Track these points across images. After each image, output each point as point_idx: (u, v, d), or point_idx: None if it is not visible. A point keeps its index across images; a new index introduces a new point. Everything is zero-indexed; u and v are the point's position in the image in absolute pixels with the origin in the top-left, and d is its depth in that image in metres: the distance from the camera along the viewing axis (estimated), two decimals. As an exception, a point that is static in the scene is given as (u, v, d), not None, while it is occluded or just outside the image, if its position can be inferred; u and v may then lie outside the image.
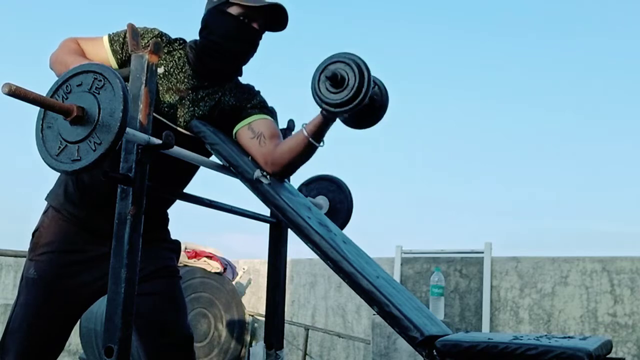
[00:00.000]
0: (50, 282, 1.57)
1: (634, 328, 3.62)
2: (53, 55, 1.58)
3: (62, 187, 1.64)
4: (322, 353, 4.67)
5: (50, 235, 1.61)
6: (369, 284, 1.31)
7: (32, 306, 1.57)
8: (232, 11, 1.58)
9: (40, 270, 1.58)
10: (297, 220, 1.45)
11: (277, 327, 1.77)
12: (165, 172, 1.53)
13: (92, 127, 1.12)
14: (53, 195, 1.66)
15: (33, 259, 1.60)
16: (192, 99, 1.62)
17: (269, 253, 1.80)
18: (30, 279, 1.58)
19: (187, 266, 4.32)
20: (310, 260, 4.83)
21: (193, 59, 1.62)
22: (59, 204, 1.62)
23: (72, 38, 1.62)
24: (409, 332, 1.24)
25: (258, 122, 1.62)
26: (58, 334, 1.61)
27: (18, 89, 1.04)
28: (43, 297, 1.57)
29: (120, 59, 1.59)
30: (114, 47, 1.59)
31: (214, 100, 1.64)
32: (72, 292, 1.59)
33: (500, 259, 4.08)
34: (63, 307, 1.59)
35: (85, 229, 1.61)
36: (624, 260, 3.73)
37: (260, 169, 1.55)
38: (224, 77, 1.66)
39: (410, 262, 4.37)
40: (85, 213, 1.60)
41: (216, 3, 1.60)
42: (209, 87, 1.64)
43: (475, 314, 4.05)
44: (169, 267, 1.71)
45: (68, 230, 1.61)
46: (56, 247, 1.60)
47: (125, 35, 1.59)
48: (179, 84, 1.61)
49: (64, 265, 1.58)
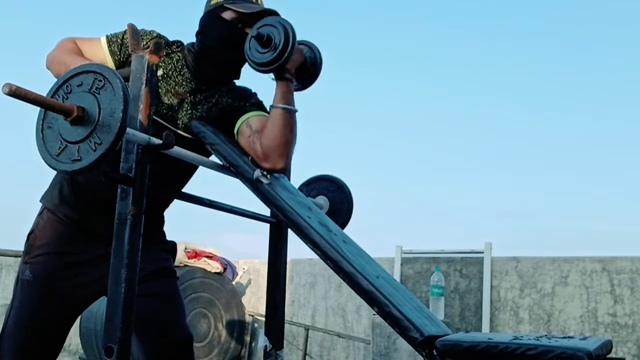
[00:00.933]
0: (45, 285, 1.56)
1: (634, 328, 3.62)
2: (50, 54, 1.57)
3: (57, 188, 1.63)
4: (322, 353, 4.67)
5: (46, 237, 1.60)
6: (369, 284, 1.31)
7: (28, 309, 1.56)
8: (226, 16, 1.58)
9: (35, 272, 1.56)
10: (297, 220, 1.45)
11: (277, 327, 1.76)
12: (165, 173, 1.53)
13: (93, 127, 1.12)
14: (48, 196, 1.65)
15: (28, 262, 1.59)
16: (191, 102, 1.62)
17: (269, 253, 1.80)
18: (26, 281, 1.57)
19: (187, 266, 4.32)
20: (310, 260, 4.83)
21: (191, 62, 1.63)
22: (54, 206, 1.61)
23: (69, 38, 1.61)
24: (409, 332, 1.24)
25: (254, 119, 1.62)
26: (54, 337, 1.59)
27: (18, 89, 1.04)
28: (39, 299, 1.55)
29: (118, 59, 1.59)
30: (112, 48, 1.59)
31: (211, 103, 1.64)
32: (68, 294, 1.58)
33: (500, 259, 4.08)
34: (59, 310, 1.58)
35: (81, 230, 1.60)
36: (624, 260, 3.73)
37: (261, 168, 1.55)
38: (221, 81, 1.67)
39: (410, 262, 4.37)
40: (80, 215, 1.59)
41: (212, 7, 1.61)
42: (206, 91, 1.64)
43: (475, 314, 4.05)
44: (166, 268, 1.71)
45: (63, 232, 1.60)
46: (52, 249, 1.58)
47: (123, 37, 1.59)
48: (177, 86, 1.61)
49: (59, 268, 1.57)
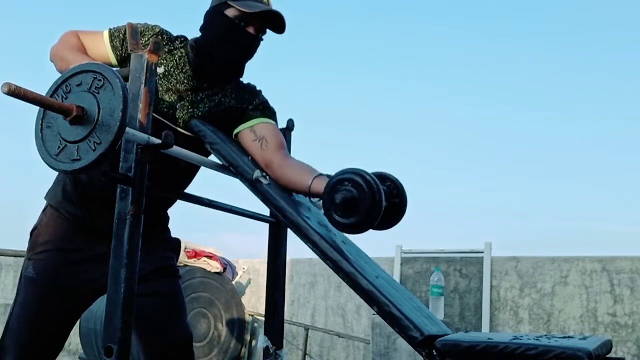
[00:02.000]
0: (49, 281, 1.57)
1: (634, 328, 3.61)
2: (54, 48, 1.57)
3: (61, 186, 1.63)
4: (322, 353, 4.67)
5: (49, 234, 1.61)
6: (369, 284, 1.31)
7: (31, 305, 1.57)
8: (229, 13, 1.57)
9: (39, 269, 1.57)
10: (296, 220, 1.45)
11: (277, 327, 1.76)
12: (165, 173, 1.53)
13: (92, 127, 1.12)
14: (52, 194, 1.65)
15: (32, 258, 1.59)
16: (192, 101, 1.61)
17: (269, 253, 1.80)
18: (29, 278, 1.58)
19: (187, 266, 4.32)
20: (310, 260, 4.83)
21: (193, 59, 1.61)
22: (58, 203, 1.62)
23: (73, 31, 1.61)
24: (409, 332, 1.24)
25: (260, 127, 1.62)
26: (57, 333, 1.60)
27: (18, 88, 1.04)
28: (42, 296, 1.56)
29: (120, 55, 1.58)
30: (114, 43, 1.58)
31: (213, 102, 1.63)
32: (71, 291, 1.58)
33: (500, 259, 4.08)
34: (62, 307, 1.58)
35: (84, 228, 1.60)
36: (624, 260, 3.73)
37: (260, 169, 1.55)
38: (224, 79, 1.66)
39: (410, 262, 4.37)
40: (83, 212, 1.60)
41: (216, 3, 1.60)
42: (208, 89, 1.63)
43: (475, 314, 4.05)
44: (169, 267, 1.71)
45: (67, 229, 1.61)
46: (55, 245, 1.59)
47: (126, 32, 1.58)
48: (179, 84, 1.60)
49: (63, 265, 1.58)
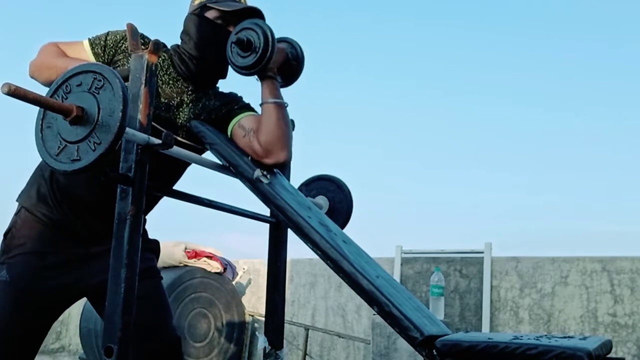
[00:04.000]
0: (24, 285, 1.53)
1: (634, 328, 3.61)
2: (36, 61, 1.56)
3: (35, 187, 1.61)
4: (322, 353, 4.67)
5: (24, 237, 1.57)
6: (369, 284, 1.31)
7: (5, 309, 1.52)
8: (209, 15, 1.61)
9: (13, 272, 1.53)
10: (297, 220, 1.45)
11: (277, 327, 1.76)
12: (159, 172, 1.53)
13: (92, 127, 1.12)
14: (25, 196, 1.63)
15: (5, 262, 1.56)
16: (177, 104, 1.63)
17: (269, 253, 1.80)
18: (3, 281, 1.53)
19: (187, 266, 4.32)
20: (310, 260, 4.83)
21: (178, 63, 1.64)
22: (32, 205, 1.59)
23: (52, 43, 1.61)
24: (409, 332, 1.24)
25: (246, 119, 1.63)
26: (31, 338, 1.56)
27: (17, 88, 1.04)
28: (16, 300, 1.52)
29: (103, 61, 1.59)
30: (95, 50, 1.59)
31: (197, 106, 1.65)
32: (47, 295, 1.55)
33: (500, 259, 4.08)
34: (37, 311, 1.54)
35: (60, 230, 1.58)
36: (624, 260, 3.73)
37: (263, 166, 1.55)
38: (208, 80, 1.67)
39: (410, 262, 4.37)
40: (60, 214, 1.57)
41: (195, 7, 1.64)
42: (193, 93, 1.65)
43: (475, 314, 4.05)
44: (150, 269, 1.68)
45: (42, 231, 1.57)
46: (30, 248, 1.56)
47: (106, 38, 1.60)
48: (164, 85, 1.62)
49: (39, 268, 1.54)
